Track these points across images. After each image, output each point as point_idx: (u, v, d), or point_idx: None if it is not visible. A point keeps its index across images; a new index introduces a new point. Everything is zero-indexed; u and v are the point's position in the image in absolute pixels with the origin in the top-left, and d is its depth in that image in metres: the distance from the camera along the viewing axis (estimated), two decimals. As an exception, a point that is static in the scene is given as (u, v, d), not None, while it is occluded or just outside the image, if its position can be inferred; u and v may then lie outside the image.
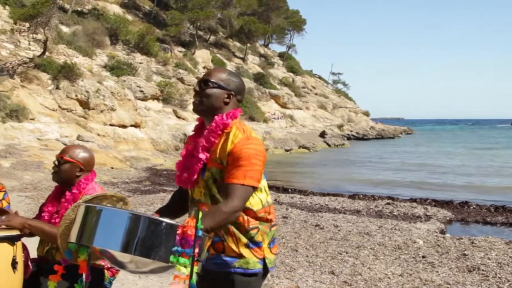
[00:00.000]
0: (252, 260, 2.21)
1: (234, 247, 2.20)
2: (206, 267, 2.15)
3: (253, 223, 2.23)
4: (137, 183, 14.67)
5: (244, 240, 2.21)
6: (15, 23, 25.38)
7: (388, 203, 11.36)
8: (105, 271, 2.90)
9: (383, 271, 5.82)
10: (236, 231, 2.21)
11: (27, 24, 24.42)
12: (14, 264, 2.51)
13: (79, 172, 2.94)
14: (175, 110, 28.52)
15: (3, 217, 2.71)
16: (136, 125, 23.39)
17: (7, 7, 26.35)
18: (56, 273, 2.31)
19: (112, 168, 16.77)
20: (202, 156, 2.22)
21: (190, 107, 30.38)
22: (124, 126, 22.70)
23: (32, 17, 22.90)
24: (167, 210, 2.45)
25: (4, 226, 2.65)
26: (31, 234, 2.70)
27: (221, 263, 2.20)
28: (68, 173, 2.93)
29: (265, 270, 2.27)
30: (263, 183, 2.30)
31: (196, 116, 2.41)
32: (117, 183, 13.98)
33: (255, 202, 2.24)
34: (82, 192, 2.87)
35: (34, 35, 25.09)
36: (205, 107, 2.26)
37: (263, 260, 2.24)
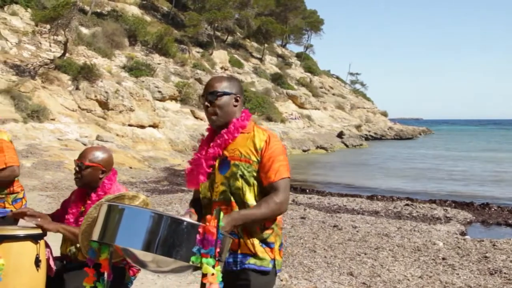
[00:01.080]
0: (265, 258, 2.29)
1: (249, 245, 2.27)
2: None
3: (267, 223, 2.31)
4: (155, 183, 14.77)
5: (258, 240, 2.29)
6: (37, 25, 25.75)
7: (407, 204, 11.26)
8: (126, 269, 2.93)
9: (402, 273, 5.77)
10: (252, 230, 2.28)
11: (48, 26, 24.74)
12: (37, 262, 2.55)
13: (101, 174, 2.98)
14: (193, 110, 28.64)
15: (39, 220, 2.75)
16: (154, 126, 23.55)
17: (29, 9, 26.75)
18: (84, 271, 2.33)
19: (131, 168, 16.91)
20: (214, 150, 2.32)
21: (208, 107, 30.59)
22: (142, 127, 22.87)
23: (53, 19, 23.20)
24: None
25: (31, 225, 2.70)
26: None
27: (236, 260, 2.27)
28: (91, 177, 2.96)
29: (274, 271, 2.34)
30: None
31: None
32: (135, 183, 14.10)
33: None
34: (107, 193, 2.90)
35: (55, 37, 25.41)
36: (222, 119, 2.36)
37: (274, 261, 2.32)
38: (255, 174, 2.28)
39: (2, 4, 25.54)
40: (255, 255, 2.27)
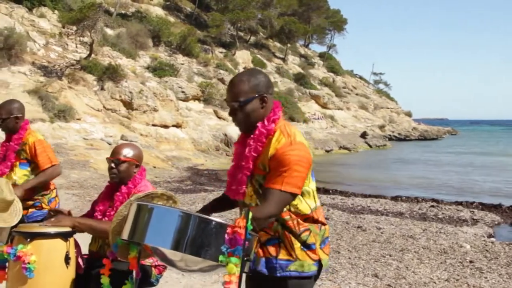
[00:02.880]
0: (307, 263, 2.17)
1: (289, 249, 2.17)
2: (257, 269, 2.14)
3: (303, 225, 2.19)
4: (179, 182, 14.88)
5: (297, 243, 2.17)
6: (63, 27, 26.22)
7: (432, 206, 11.10)
8: (153, 268, 2.96)
9: (428, 276, 5.69)
10: (290, 235, 2.18)
11: (74, 28, 25.17)
12: (67, 259, 2.59)
13: (135, 168, 3.06)
14: (216, 110, 28.75)
15: (53, 219, 2.80)
16: (177, 125, 23.73)
17: (56, 11, 27.23)
18: (105, 267, 2.36)
19: (155, 167, 17.07)
20: (247, 165, 2.19)
21: (231, 107, 30.69)
22: (166, 126, 23.06)
23: (79, 20, 23.59)
24: (216, 203, 2.47)
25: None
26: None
27: (274, 266, 2.16)
28: (127, 172, 3.03)
29: (318, 272, 2.24)
30: (312, 187, 2.25)
31: None
32: (159, 182, 14.23)
33: (304, 207, 2.21)
34: (136, 187, 2.95)
35: (81, 38, 25.83)
36: (249, 124, 2.22)
37: (319, 262, 2.21)
38: None
39: (31, 6, 26.06)
40: (296, 260, 2.17)
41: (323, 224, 2.28)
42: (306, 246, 2.18)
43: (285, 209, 2.16)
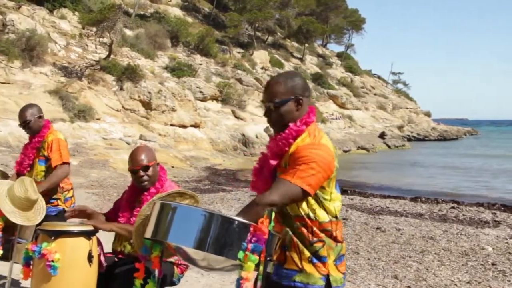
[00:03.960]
0: (314, 276, 2.09)
1: (296, 259, 2.10)
2: (270, 273, 2.09)
3: (317, 236, 2.11)
4: (197, 182, 14.95)
5: (307, 253, 2.10)
6: (83, 28, 26.52)
7: (452, 207, 10.97)
8: (175, 268, 2.97)
9: (449, 278, 5.62)
10: (300, 243, 2.11)
11: (94, 29, 25.45)
12: (90, 257, 2.62)
13: (157, 167, 3.12)
14: (234, 110, 28.81)
15: (92, 220, 2.85)
16: (195, 125, 23.83)
17: (76, 13, 27.57)
18: (136, 269, 2.38)
19: (173, 167, 17.17)
20: (272, 162, 2.17)
21: (249, 107, 30.72)
22: (184, 126, 23.18)
23: (99, 21, 23.85)
24: None
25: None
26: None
27: (281, 274, 2.11)
28: (155, 174, 3.09)
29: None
30: (333, 198, 2.17)
31: (254, 116, 2.37)
32: (177, 182, 14.30)
33: (322, 214, 2.14)
34: (163, 187, 2.99)
35: (101, 39, 26.10)
36: (284, 126, 2.19)
37: (327, 277, 2.11)
38: None
39: (52, 8, 26.43)
40: (301, 271, 2.09)
41: (340, 242, 2.20)
42: (317, 257, 2.11)
43: (300, 214, 2.11)
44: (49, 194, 3.98)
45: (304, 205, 2.11)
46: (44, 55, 21.75)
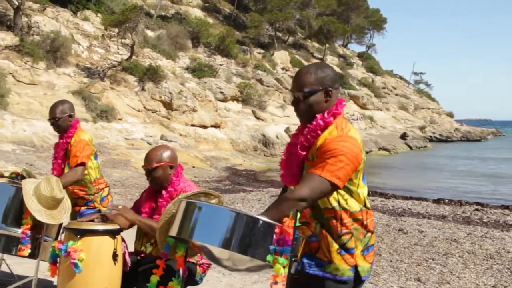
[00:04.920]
0: (342, 267, 2.11)
1: (325, 251, 2.12)
2: (298, 267, 2.11)
3: (346, 228, 2.13)
4: (217, 182, 15.00)
5: (335, 246, 2.11)
6: (106, 29, 26.86)
7: (476, 209, 10.79)
8: (197, 267, 2.99)
9: (473, 281, 5.53)
10: (329, 235, 2.12)
11: (116, 30, 25.76)
12: (114, 256, 2.65)
13: (170, 170, 3.06)
14: (254, 111, 28.84)
15: (120, 206, 2.86)
16: (216, 126, 23.92)
17: (99, 14, 27.94)
18: (159, 267, 2.40)
19: (194, 167, 17.27)
20: (300, 153, 2.17)
21: (269, 108, 30.71)
22: (204, 127, 23.29)
23: (121, 23, 24.12)
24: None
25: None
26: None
27: (310, 263, 2.13)
28: (163, 176, 3.05)
29: (359, 278, 2.15)
30: (361, 191, 2.19)
31: (275, 117, 2.37)
32: (198, 182, 14.36)
33: (352, 203, 2.15)
34: (177, 190, 2.97)
35: (123, 40, 26.40)
36: (311, 116, 2.19)
37: (355, 267, 2.13)
38: None
39: (75, 10, 26.82)
40: (331, 262, 2.11)
41: (370, 231, 2.21)
42: (345, 249, 2.12)
43: (330, 206, 2.12)
44: (83, 197, 3.94)
45: (333, 196, 2.12)
46: (68, 56, 22.09)
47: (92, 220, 2.88)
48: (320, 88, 2.16)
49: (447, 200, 12.46)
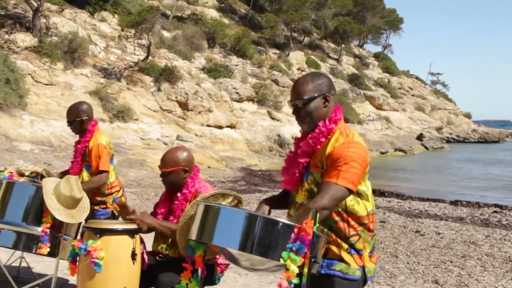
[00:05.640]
0: (352, 266, 2.21)
1: (336, 250, 2.21)
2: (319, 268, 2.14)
3: (354, 230, 2.23)
4: (233, 182, 15.02)
5: (345, 245, 2.22)
6: (122, 30, 27.08)
7: (495, 211, 10.66)
8: (215, 267, 2.99)
9: (492, 284, 5.47)
10: (338, 238, 2.22)
11: (133, 31, 25.95)
12: (133, 255, 2.67)
13: (185, 174, 3.06)
14: (270, 111, 28.82)
15: (139, 213, 2.89)
16: (231, 126, 23.96)
17: (116, 15, 28.18)
18: (177, 267, 2.41)
19: (209, 167, 17.32)
20: (301, 160, 2.26)
21: (285, 108, 30.64)
22: (220, 127, 23.34)
23: (138, 23, 24.30)
24: (275, 200, 2.50)
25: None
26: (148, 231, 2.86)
27: (324, 264, 2.21)
28: (177, 180, 3.06)
29: (364, 278, 2.26)
30: (368, 188, 2.28)
31: (290, 117, 2.41)
32: (213, 182, 14.40)
33: (360, 208, 2.24)
34: (192, 192, 2.98)
35: (139, 41, 26.59)
36: (313, 123, 2.29)
37: (362, 268, 2.23)
38: None
39: (93, 11, 27.10)
40: (341, 260, 2.21)
41: (373, 233, 2.32)
42: (354, 249, 2.22)
43: (337, 209, 2.20)
44: (94, 198, 3.96)
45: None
46: (85, 57, 22.31)
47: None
48: (318, 94, 2.27)
49: (464, 202, 12.34)
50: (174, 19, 33.68)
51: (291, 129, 25.57)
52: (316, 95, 2.26)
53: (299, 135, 2.40)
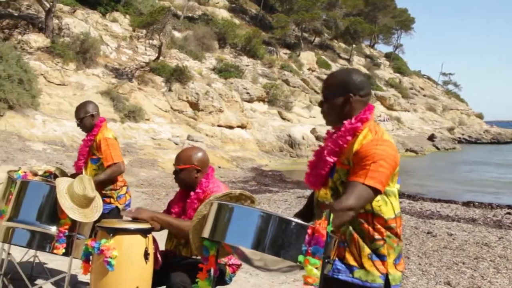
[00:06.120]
0: (373, 273, 2.09)
1: (356, 255, 2.11)
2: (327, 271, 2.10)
3: (379, 233, 2.12)
4: (243, 182, 15.03)
5: (367, 250, 2.10)
6: (134, 30, 27.23)
7: (508, 213, 10.54)
8: (227, 267, 3.00)
9: (506, 286, 5.42)
10: (360, 240, 2.11)
11: (144, 31, 26.09)
12: (146, 255, 2.68)
13: (196, 173, 3.06)
14: (280, 111, 28.82)
15: (133, 209, 2.91)
16: (242, 126, 23.97)
17: (127, 16, 28.34)
18: (190, 267, 2.41)
19: (220, 167, 17.34)
20: (329, 159, 2.18)
21: (295, 108, 30.65)
22: (231, 127, 23.37)
23: (149, 24, 24.42)
24: (304, 212, 2.45)
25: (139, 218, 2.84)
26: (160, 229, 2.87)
27: (339, 269, 2.12)
28: (188, 178, 3.07)
29: (389, 286, 2.12)
30: (397, 189, 2.20)
31: (301, 117, 2.40)
32: (224, 182, 14.40)
33: (388, 210, 2.14)
34: (205, 191, 2.99)
35: (150, 41, 26.73)
36: (332, 119, 2.26)
37: (386, 275, 2.11)
38: None
39: (104, 12, 27.28)
40: (361, 267, 2.10)
41: (400, 239, 2.20)
42: (377, 255, 2.11)
43: (362, 210, 2.10)
44: (100, 191, 4.05)
45: None
46: (97, 57, 22.47)
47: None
48: (341, 92, 2.21)
49: (477, 203, 12.21)
50: (185, 20, 33.79)
51: (302, 129, 25.53)
52: (338, 92, 2.21)
53: (309, 135, 2.38)
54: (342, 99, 2.21)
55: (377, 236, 2.11)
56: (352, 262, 2.11)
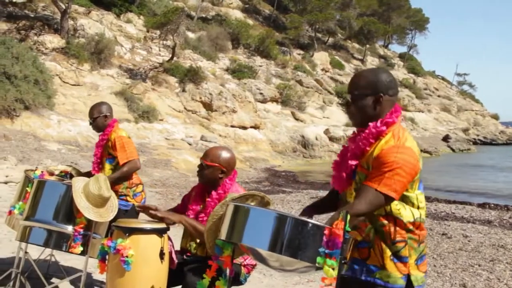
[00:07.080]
0: (394, 274, 2.09)
1: (378, 256, 2.11)
2: (349, 272, 2.11)
3: (401, 236, 2.12)
4: (257, 183, 15.03)
5: (388, 252, 2.11)
6: (148, 31, 27.39)
7: (525, 215, 10.41)
8: (242, 267, 3.00)
9: (523, 289, 5.34)
10: (382, 242, 2.12)
11: (158, 32, 26.23)
12: (161, 254, 2.70)
13: (221, 174, 3.06)
14: (293, 112, 28.76)
15: (163, 211, 2.92)
16: (255, 127, 23.97)
17: (141, 17, 28.52)
18: (205, 266, 2.42)
19: (233, 168, 17.34)
20: (351, 162, 2.17)
21: (308, 109, 30.57)
22: (244, 128, 23.38)
23: (163, 25, 24.53)
24: (316, 206, 2.47)
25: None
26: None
27: (362, 269, 2.12)
28: (211, 176, 3.06)
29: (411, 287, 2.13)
30: (418, 196, 2.16)
31: (314, 118, 2.38)
32: (237, 183, 14.42)
33: (406, 214, 2.13)
34: (227, 192, 2.99)
35: (164, 42, 26.84)
36: (359, 120, 2.21)
37: (407, 276, 2.11)
38: None
39: (119, 12, 27.48)
40: (383, 268, 2.10)
41: (422, 242, 2.19)
42: (398, 257, 2.10)
43: (384, 212, 2.11)
44: (113, 188, 4.08)
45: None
46: (111, 58, 22.63)
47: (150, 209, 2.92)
48: (370, 93, 2.16)
49: (492, 205, 12.08)
50: (198, 20, 33.89)
51: (315, 130, 25.47)
52: (367, 92, 2.16)
53: (322, 136, 2.36)
54: (373, 100, 2.17)
55: (398, 238, 2.11)
56: (375, 262, 2.12)
